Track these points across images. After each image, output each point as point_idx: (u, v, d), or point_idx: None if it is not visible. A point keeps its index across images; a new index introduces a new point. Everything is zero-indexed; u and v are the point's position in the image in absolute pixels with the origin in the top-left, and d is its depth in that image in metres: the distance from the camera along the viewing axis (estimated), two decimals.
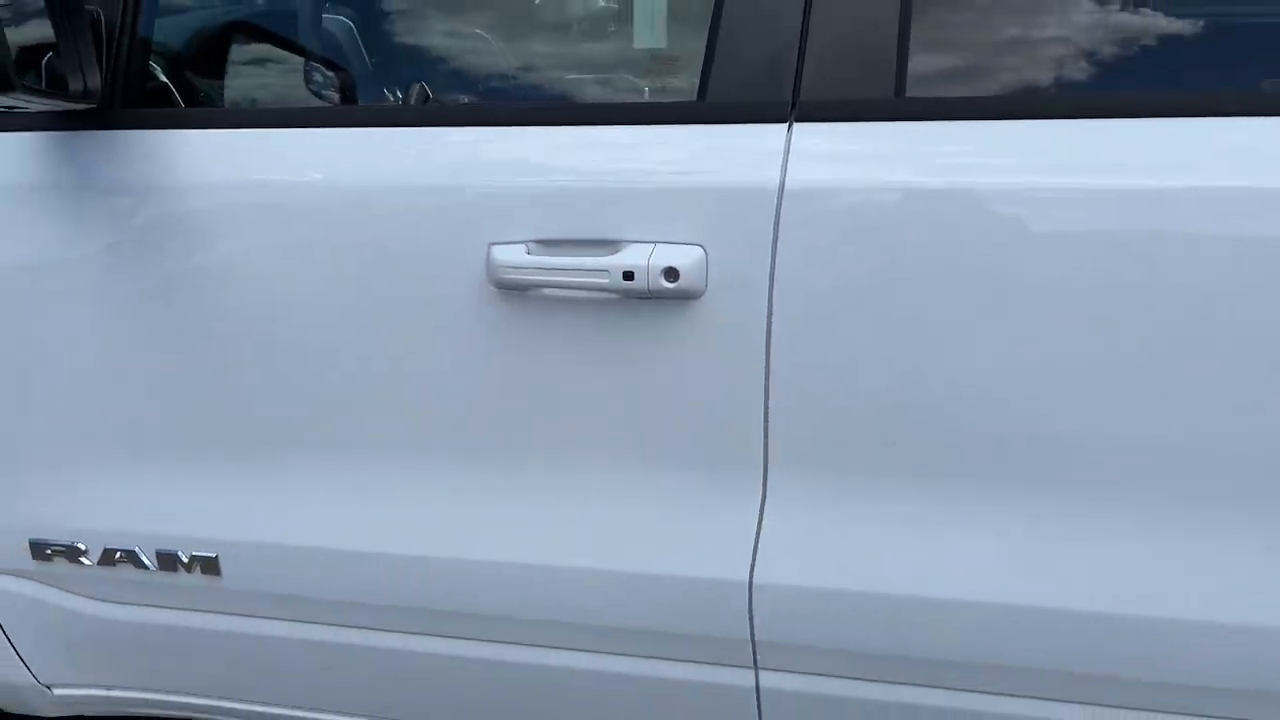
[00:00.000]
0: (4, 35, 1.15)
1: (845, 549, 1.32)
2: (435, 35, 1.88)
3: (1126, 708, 1.26)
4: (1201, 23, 1.31)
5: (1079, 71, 1.31)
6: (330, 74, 1.80)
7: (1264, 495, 1.18)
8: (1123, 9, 1.34)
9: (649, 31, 1.87)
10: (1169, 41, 1.31)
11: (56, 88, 1.30)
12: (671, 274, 1.25)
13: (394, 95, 1.80)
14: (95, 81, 1.32)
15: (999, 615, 1.27)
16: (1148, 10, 1.34)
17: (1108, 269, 1.17)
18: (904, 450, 1.27)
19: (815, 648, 1.36)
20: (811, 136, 1.25)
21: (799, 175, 1.23)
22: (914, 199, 1.21)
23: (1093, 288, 1.17)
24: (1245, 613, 1.20)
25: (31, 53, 1.34)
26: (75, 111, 1.36)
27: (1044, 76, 1.33)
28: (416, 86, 1.72)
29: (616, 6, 1.96)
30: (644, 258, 1.25)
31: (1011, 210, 1.20)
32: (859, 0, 1.24)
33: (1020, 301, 1.20)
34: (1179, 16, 1.32)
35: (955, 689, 1.34)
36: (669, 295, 1.26)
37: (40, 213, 1.44)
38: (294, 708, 1.64)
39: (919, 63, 1.25)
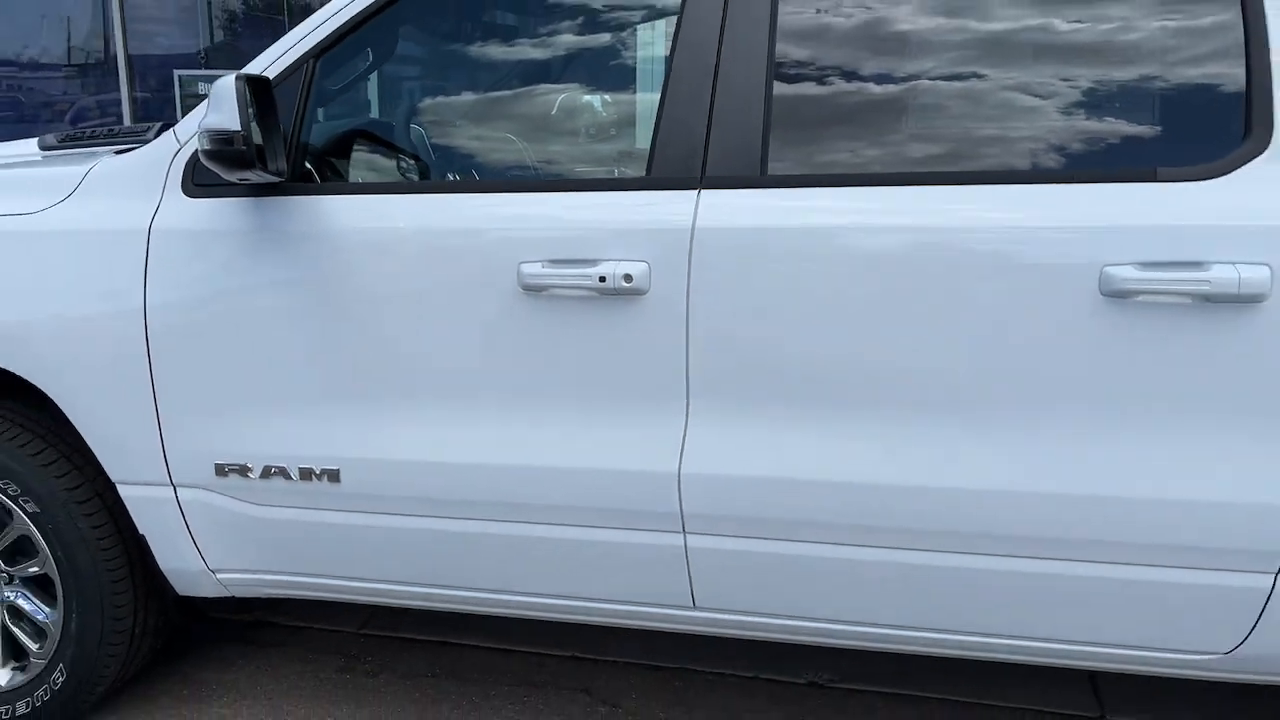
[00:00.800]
0: (252, 136, 2.03)
1: (738, 449, 2.13)
2: (480, 139, 2.76)
3: (885, 547, 2.07)
4: (943, 123, 2.16)
5: (865, 157, 2.16)
6: (411, 161, 2.66)
7: (937, 406, 2.00)
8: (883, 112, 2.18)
9: (630, 137, 2.76)
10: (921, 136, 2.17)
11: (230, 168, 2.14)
12: (628, 278, 2.09)
13: (454, 175, 2.66)
14: (283, 166, 2.19)
15: (833, 488, 2.08)
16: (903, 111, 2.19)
17: (882, 279, 2.00)
18: (774, 388, 2.09)
19: (721, 515, 2.16)
20: (711, 198, 2.10)
21: (703, 220, 2.08)
22: (765, 234, 2.06)
23: (879, 290, 2.01)
24: (942, 478, 2.01)
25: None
26: (269, 184, 2.23)
27: (841, 160, 2.17)
28: (472, 170, 2.59)
29: (615, 118, 2.86)
30: (611, 269, 2.09)
31: (821, 241, 2.04)
32: (737, 121, 2.10)
33: (837, 296, 2.03)
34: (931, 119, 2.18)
35: (809, 541, 2.13)
36: (627, 292, 2.10)
37: (248, 252, 2.29)
38: (384, 580, 2.44)
39: (774, 155, 2.11)
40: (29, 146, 3.05)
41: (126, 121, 7.00)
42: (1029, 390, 1.98)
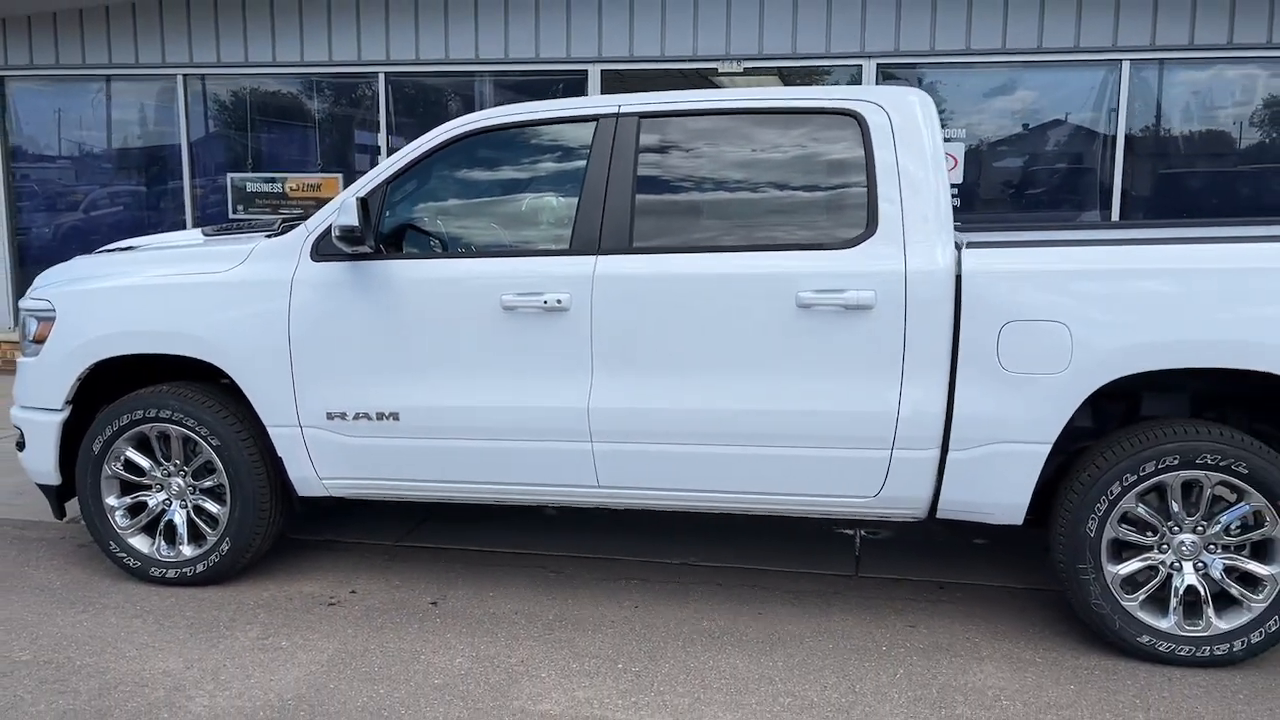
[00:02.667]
0: (368, 217, 3.88)
1: (617, 393, 3.95)
2: (478, 227, 4.60)
3: (692, 444, 3.89)
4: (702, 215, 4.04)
5: (680, 237, 4.02)
6: (438, 241, 4.50)
7: (714, 367, 3.85)
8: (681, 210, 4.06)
9: (564, 226, 4.63)
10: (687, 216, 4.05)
11: (350, 245, 3.98)
12: (560, 302, 3.93)
13: (470, 250, 4.50)
14: (371, 245, 4.04)
15: (663, 412, 3.90)
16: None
17: (687, 300, 3.86)
18: (635, 360, 3.92)
19: (609, 430, 3.97)
20: (604, 259, 3.96)
21: (599, 271, 3.94)
22: (631, 278, 3.91)
23: (685, 305, 3.86)
24: (717, 403, 3.85)
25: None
26: (362, 253, 4.07)
27: (669, 238, 4.02)
28: (473, 245, 4.44)
29: (555, 216, 4.72)
30: (552, 297, 3.94)
31: (659, 282, 3.89)
32: (616, 218, 3.96)
33: (665, 310, 3.87)
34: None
35: (654, 442, 3.95)
36: (559, 309, 3.94)
37: (341, 288, 4.12)
38: (422, 479, 4.22)
39: (636, 236, 3.97)
40: (194, 234, 4.91)
41: (187, 204, 8.85)
42: (763, 356, 3.82)
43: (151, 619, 4.12)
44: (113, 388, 4.54)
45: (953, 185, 7.59)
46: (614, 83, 8.02)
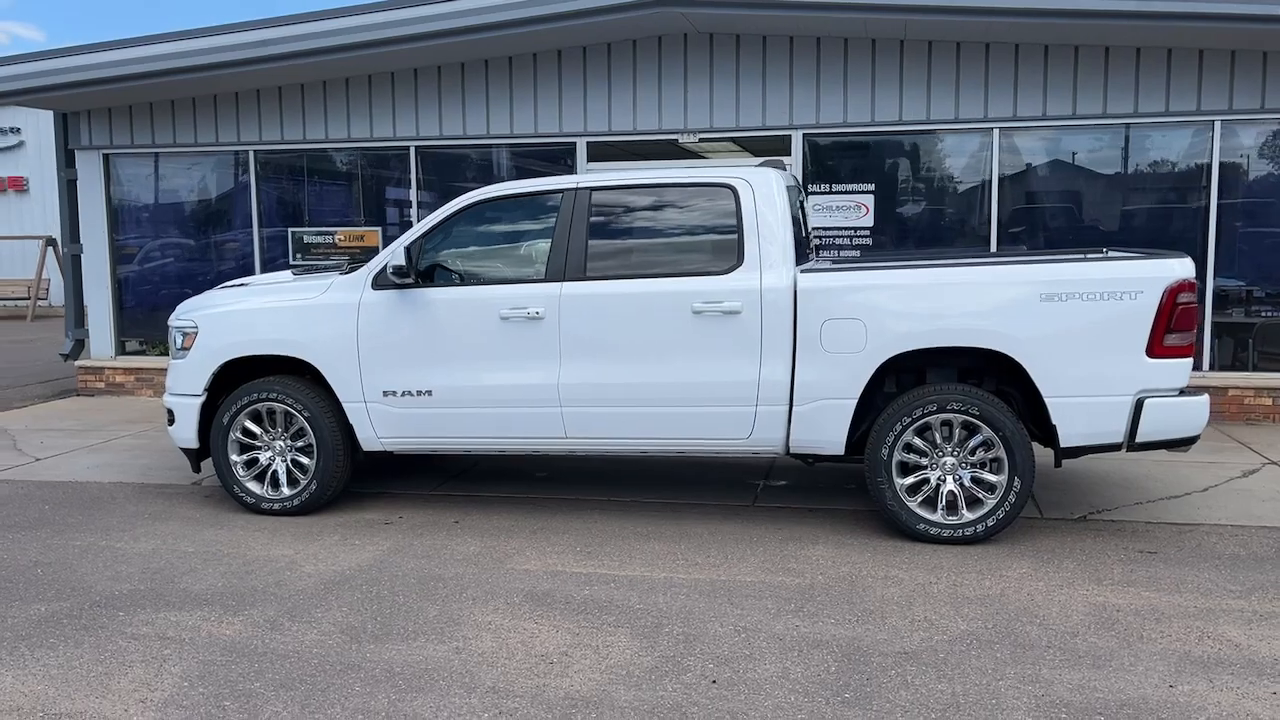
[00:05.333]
0: (410, 260, 5.93)
1: (580, 373, 5.95)
2: (487, 265, 6.61)
3: (622, 406, 5.90)
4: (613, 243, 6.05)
5: (613, 268, 6.03)
6: (459, 275, 6.51)
7: (637, 356, 5.84)
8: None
9: (542, 263, 6.67)
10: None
11: (399, 278, 6.02)
12: (539, 313, 5.95)
13: (479, 280, 6.50)
14: (413, 279, 6.07)
15: (609, 385, 5.89)
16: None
17: (619, 310, 5.86)
18: (590, 352, 5.92)
19: (573, 398, 5.97)
20: (569, 283, 5.97)
21: (564, 293, 5.95)
22: (586, 296, 5.91)
23: (618, 314, 5.86)
24: (641, 378, 5.85)
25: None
26: (406, 284, 6.10)
27: (607, 269, 6.03)
28: (483, 278, 6.47)
29: (539, 256, 6.74)
30: (533, 309, 5.95)
31: (602, 299, 5.90)
32: (575, 255, 5.96)
33: (605, 318, 5.87)
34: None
35: (602, 405, 5.94)
36: (538, 318, 5.95)
37: (393, 307, 6.15)
38: (450, 436, 6.22)
39: (589, 269, 5.97)
40: (285, 274, 6.99)
41: (256, 253, 10.98)
42: (672, 346, 5.80)
43: (266, 533, 6.11)
44: (230, 381, 6.57)
45: (865, 227, 9.65)
46: (597, 151, 10.09)
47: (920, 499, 5.66)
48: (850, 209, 9.67)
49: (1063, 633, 4.39)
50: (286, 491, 6.43)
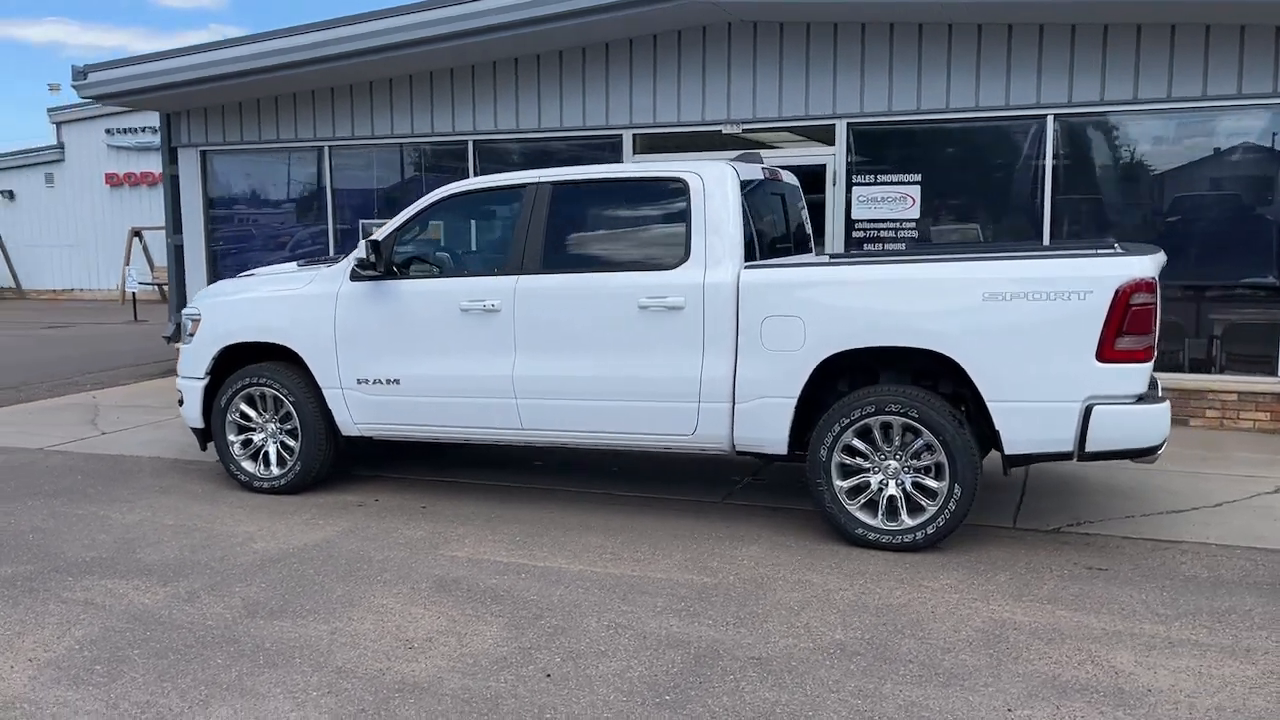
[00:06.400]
0: (378, 253, 6.15)
1: (532, 365, 6.03)
2: (450, 256, 6.77)
3: (575, 399, 5.92)
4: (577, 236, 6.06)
5: (573, 259, 6.06)
6: (429, 266, 6.69)
7: (588, 348, 5.85)
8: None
9: (504, 256, 6.77)
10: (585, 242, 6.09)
11: (365, 269, 6.24)
12: (495, 306, 6.06)
13: (443, 272, 6.68)
14: (381, 270, 6.28)
15: (563, 378, 5.95)
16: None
17: (571, 301, 5.90)
18: (543, 344, 5.99)
19: (528, 390, 6.06)
20: (525, 276, 6.05)
21: (520, 286, 6.04)
22: (543, 290, 5.98)
23: (570, 305, 5.91)
24: (596, 371, 5.86)
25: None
26: (374, 275, 6.34)
27: (569, 260, 6.07)
28: (449, 269, 6.64)
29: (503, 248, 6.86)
30: (491, 302, 6.07)
31: (560, 291, 5.95)
32: (534, 249, 6.04)
33: (560, 308, 5.93)
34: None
35: (555, 399, 6.00)
36: (495, 310, 6.06)
37: (366, 298, 6.39)
38: (417, 423, 6.42)
39: (546, 261, 6.04)
40: (291, 266, 7.35)
41: (330, 242, 11.54)
42: (618, 340, 5.80)
43: (246, 510, 6.46)
44: (232, 365, 6.97)
45: (911, 219, 9.32)
46: (645, 143, 10.11)
47: (862, 502, 5.47)
48: (896, 200, 9.35)
49: (937, 649, 4.18)
50: (275, 471, 6.78)
